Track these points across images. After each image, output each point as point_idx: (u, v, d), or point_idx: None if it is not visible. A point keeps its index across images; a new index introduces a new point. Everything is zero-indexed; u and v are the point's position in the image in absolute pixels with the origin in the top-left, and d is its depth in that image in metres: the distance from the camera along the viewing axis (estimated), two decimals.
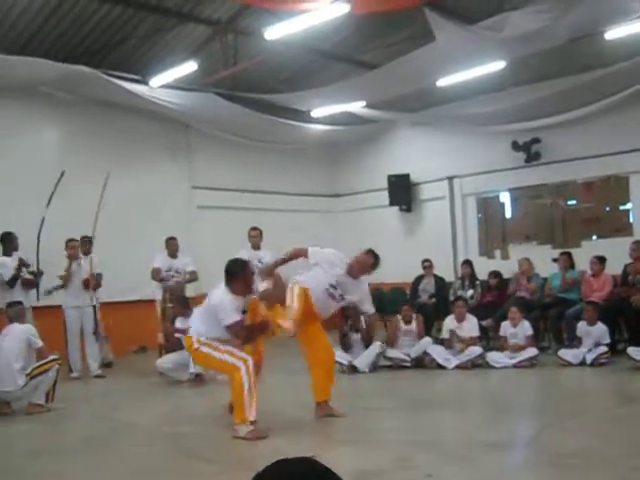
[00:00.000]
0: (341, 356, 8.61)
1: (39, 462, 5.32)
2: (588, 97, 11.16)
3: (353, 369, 8.82)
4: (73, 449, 5.66)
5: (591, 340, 8.70)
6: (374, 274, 6.39)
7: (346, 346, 9.11)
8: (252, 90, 11.92)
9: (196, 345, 5.83)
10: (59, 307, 9.38)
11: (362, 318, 8.64)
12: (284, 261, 6.57)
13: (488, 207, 14.03)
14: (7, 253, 9.20)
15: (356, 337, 9.14)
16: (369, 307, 6.51)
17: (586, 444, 5.06)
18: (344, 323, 9.22)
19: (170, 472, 4.94)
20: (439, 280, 11.72)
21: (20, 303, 7.75)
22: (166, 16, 10.15)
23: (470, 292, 11.10)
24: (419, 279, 11.81)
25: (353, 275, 6.22)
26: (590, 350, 8.58)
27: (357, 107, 12.71)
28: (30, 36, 9.92)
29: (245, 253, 9.62)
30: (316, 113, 12.66)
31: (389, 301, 11.74)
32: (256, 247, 9.77)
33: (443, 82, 10.99)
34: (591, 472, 4.42)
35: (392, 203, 14.20)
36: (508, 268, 11.43)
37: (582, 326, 8.87)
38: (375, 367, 8.94)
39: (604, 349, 8.55)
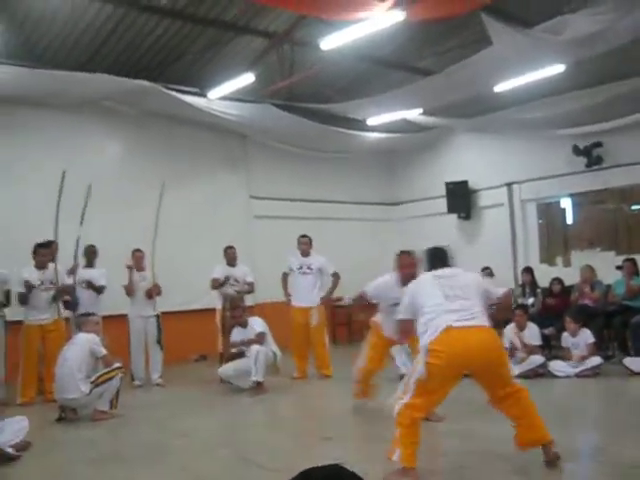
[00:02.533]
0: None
1: (102, 468, 5.44)
2: None
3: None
4: (136, 456, 5.76)
5: None
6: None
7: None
8: (308, 100, 11.99)
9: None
10: (124, 316, 9.59)
11: None
12: (357, 308, 6.93)
13: (549, 213, 13.76)
14: (91, 264, 9.57)
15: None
16: None
17: None
18: None
19: (229, 479, 4.98)
20: None
21: (89, 314, 7.96)
22: (223, 29, 10.29)
23: (531, 300, 10.93)
24: None
25: (405, 283, 6.11)
26: None
27: (414, 114, 12.65)
28: (93, 52, 10.19)
29: (294, 260, 9.72)
30: (372, 121, 12.66)
31: None
32: (305, 254, 9.80)
33: (500, 87, 10.86)
34: None
35: (450, 210, 14.08)
36: (570, 275, 11.20)
37: None
38: None
39: None
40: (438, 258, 5.30)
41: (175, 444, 6.16)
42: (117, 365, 7.40)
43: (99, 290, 9.37)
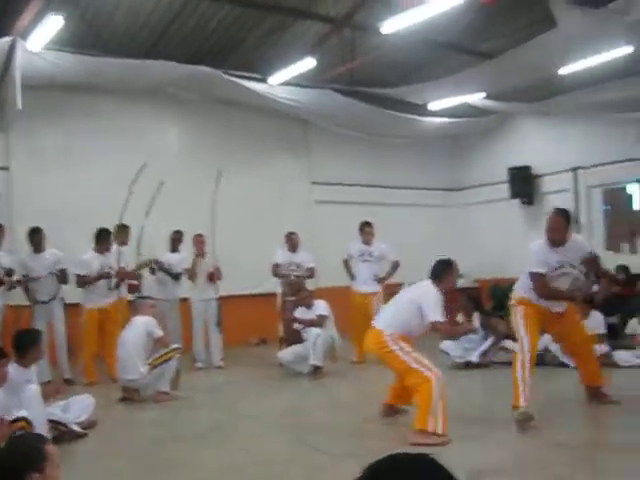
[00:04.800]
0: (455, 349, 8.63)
1: (165, 447, 5.59)
2: None
3: (466, 365, 8.77)
4: (197, 436, 5.88)
5: None
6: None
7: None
8: (369, 85, 11.94)
9: (388, 340, 5.58)
10: (187, 300, 9.79)
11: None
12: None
13: (615, 199, 13.45)
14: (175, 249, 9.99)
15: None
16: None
17: None
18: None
19: (288, 462, 5.06)
20: None
21: (145, 297, 8.15)
22: (284, 15, 10.32)
23: (595, 287, 10.68)
24: None
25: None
26: None
27: (476, 99, 12.47)
28: (156, 39, 10.34)
29: (355, 247, 9.75)
30: (434, 106, 12.53)
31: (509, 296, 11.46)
32: (368, 243, 9.79)
33: (566, 70, 10.60)
34: None
35: (513, 196, 13.86)
36: (636, 262, 10.92)
37: None
38: (486, 356, 8.85)
39: None
40: (431, 270, 5.85)
41: (236, 426, 6.28)
42: (175, 346, 7.56)
43: (175, 277, 9.65)
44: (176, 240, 9.97)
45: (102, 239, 8.79)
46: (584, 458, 4.85)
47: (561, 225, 5.93)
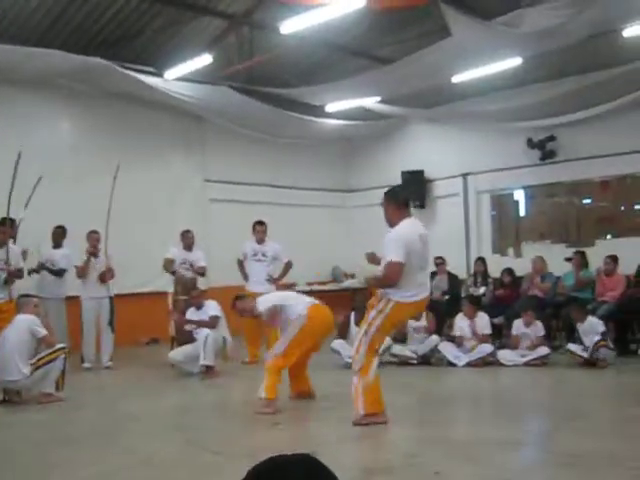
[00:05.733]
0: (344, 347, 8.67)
1: (49, 450, 5.36)
2: (605, 95, 11.05)
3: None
4: (84, 438, 5.69)
5: (591, 336, 8.60)
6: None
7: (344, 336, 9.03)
8: (267, 84, 11.91)
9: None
10: (77, 298, 9.46)
11: None
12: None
13: (502, 205, 13.96)
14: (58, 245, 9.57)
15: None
16: None
17: (596, 444, 5.02)
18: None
19: (177, 463, 4.95)
20: (452, 277, 11.72)
21: (29, 296, 7.79)
22: (182, 9, 10.17)
23: (482, 289, 11.08)
24: (432, 276, 11.78)
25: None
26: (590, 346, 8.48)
27: (372, 102, 12.67)
28: (47, 28, 9.95)
29: (249, 246, 9.71)
30: (331, 108, 12.64)
31: None
32: (260, 242, 9.77)
33: (458, 78, 10.94)
34: (599, 473, 4.39)
35: None
36: (521, 266, 11.38)
37: (579, 327, 8.81)
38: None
39: (598, 337, 8.42)
40: None
41: (123, 427, 6.11)
42: (60, 346, 7.26)
43: (57, 273, 9.27)
44: (57, 235, 9.55)
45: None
46: (462, 453, 4.99)
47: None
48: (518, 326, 9.14)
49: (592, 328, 8.58)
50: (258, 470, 1.33)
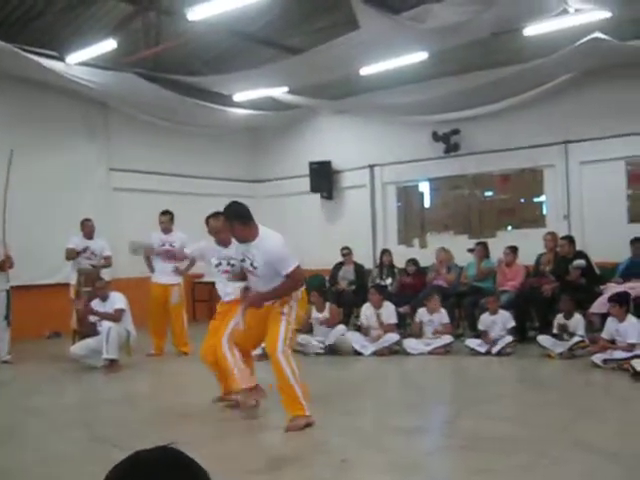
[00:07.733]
0: None
1: None
2: (507, 91, 11.42)
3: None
4: None
5: (497, 328, 8.91)
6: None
7: None
8: (174, 71, 11.69)
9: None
10: None
11: None
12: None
13: (408, 196, 14.23)
14: None
15: None
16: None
17: (498, 429, 5.22)
18: None
19: (82, 459, 4.84)
20: (359, 267, 11.87)
21: None
22: None
23: (388, 280, 11.27)
24: (339, 266, 11.93)
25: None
26: (497, 340, 8.77)
27: (280, 92, 12.63)
28: None
29: (156, 237, 9.51)
30: (239, 97, 12.53)
31: (308, 287, 11.77)
32: (167, 232, 9.61)
33: (366, 71, 11.04)
34: (502, 456, 4.55)
35: (313, 190, 14.19)
36: (426, 257, 11.64)
37: (485, 318, 9.09)
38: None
39: (510, 339, 8.76)
40: None
41: (23, 423, 5.91)
42: None
43: None
44: None
45: None
46: (369, 440, 5.08)
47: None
48: (422, 314, 9.36)
49: (503, 321, 8.89)
50: (121, 467, 1.29)
